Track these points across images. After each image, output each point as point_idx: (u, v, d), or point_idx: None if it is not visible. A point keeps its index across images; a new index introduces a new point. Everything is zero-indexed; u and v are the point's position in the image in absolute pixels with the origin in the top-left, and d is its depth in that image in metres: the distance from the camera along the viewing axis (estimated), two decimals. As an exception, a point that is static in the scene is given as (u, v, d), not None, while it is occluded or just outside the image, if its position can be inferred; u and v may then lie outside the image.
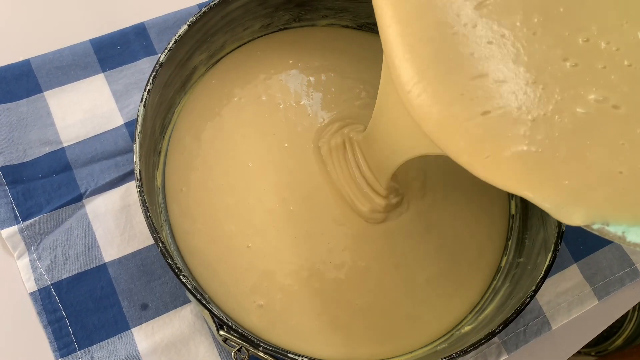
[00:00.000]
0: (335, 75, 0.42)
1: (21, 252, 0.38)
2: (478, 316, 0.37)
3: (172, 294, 0.39)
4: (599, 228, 0.22)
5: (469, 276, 0.38)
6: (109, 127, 0.42)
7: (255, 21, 0.41)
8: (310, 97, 0.41)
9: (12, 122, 0.41)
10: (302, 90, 0.41)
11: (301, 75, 0.42)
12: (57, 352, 0.36)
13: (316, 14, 0.43)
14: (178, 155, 0.39)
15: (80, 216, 0.39)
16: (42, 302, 0.37)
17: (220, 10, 0.37)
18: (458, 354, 0.31)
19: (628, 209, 0.22)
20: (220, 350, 0.38)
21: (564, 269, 0.43)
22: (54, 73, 0.43)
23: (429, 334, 0.37)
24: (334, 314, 0.36)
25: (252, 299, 0.36)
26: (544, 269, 0.34)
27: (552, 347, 0.41)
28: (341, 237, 0.38)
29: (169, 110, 0.39)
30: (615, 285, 0.43)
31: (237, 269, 0.36)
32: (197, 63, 0.40)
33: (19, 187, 0.39)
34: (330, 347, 0.36)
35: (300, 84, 0.42)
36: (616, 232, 0.22)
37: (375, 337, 0.36)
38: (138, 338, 0.37)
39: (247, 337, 0.31)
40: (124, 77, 0.43)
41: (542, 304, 0.41)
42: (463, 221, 0.39)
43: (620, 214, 0.22)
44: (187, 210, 0.37)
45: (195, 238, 0.37)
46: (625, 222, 0.22)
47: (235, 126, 0.40)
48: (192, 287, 0.30)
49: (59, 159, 0.40)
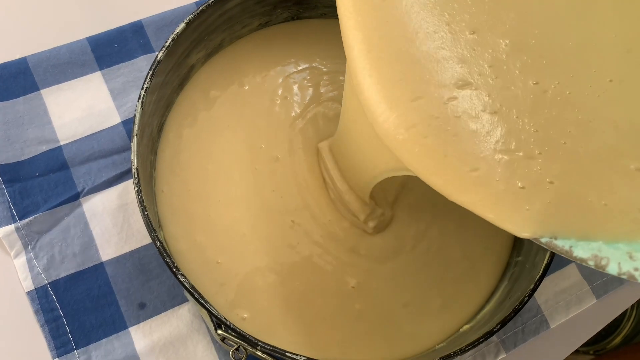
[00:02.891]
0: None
1: (18, 251, 0.38)
2: (476, 315, 0.37)
3: (170, 293, 0.38)
4: (547, 242, 0.22)
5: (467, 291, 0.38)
6: (106, 125, 0.42)
7: (253, 19, 0.41)
8: (291, 95, 0.41)
9: (9, 120, 0.41)
10: (282, 91, 0.41)
11: (280, 76, 0.41)
12: (55, 352, 0.36)
13: (314, 12, 0.43)
14: (163, 154, 0.38)
15: (77, 215, 0.39)
16: (39, 302, 0.37)
17: (218, 8, 0.37)
18: (456, 352, 0.31)
19: (574, 223, 0.22)
20: (218, 349, 0.38)
21: (562, 267, 0.43)
22: (51, 71, 0.42)
23: (429, 343, 0.37)
24: (323, 323, 0.36)
25: (234, 312, 0.35)
26: (543, 268, 0.34)
27: (551, 345, 0.41)
28: (329, 246, 0.38)
29: (167, 108, 0.39)
30: (614, 284, 0.43)
31: (213, 283, 0.36)
32: (195, 61, 0.39)
33: (16, 186, 0.39)
34: (323, 354, 0.35)
35: (280, 84, 0.41)
36: (563, 247, 0.22)
37: (371, 345, 0.36)
38: (136, 337, 0.37)
39: (245, 336, 0.31)
40: (122, 75, 0.43)
41: (541, 303, 0.41)
42: (460, 238, 0.39)
43: (566, 227, 0.22)
44: (169, 212, 0.37)
45: (180, 243, 0.36)
46: (572, 237, 0.22)
47: (211, 127, 0.39)
48: (189, 286, 0.30)
49: (56, 158, 0.40)
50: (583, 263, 0.21)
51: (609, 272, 0.21)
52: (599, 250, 0.21)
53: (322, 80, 0.42)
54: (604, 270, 0.21)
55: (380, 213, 0.38)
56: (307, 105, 0.41)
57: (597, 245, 0.21)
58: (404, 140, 0.23)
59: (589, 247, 0.21)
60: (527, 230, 0.22)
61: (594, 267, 0.21)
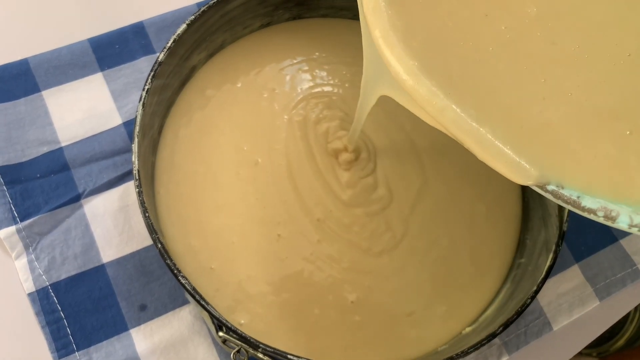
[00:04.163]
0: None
1: (19, 253, 0.38)
2: (479, 317, 0.37)
3: (171, 295, 0.38)
4: (554, 190, 0.22)
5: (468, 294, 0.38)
6: (108, 126, 0.42)
7: (254, 20, 0.41)
8: (281, 87, 0.40)
9: (10, 121, 0.41)
10: (272, 84, 0.40)
11: (273, 71, 0.41)
12: (56, 353, 0.36)
13: (316, 13, 0.43)
14: (161, 155, 0.38)
15: (78, 216, 0.39)
16: (40, 303, 0.37)
17: (220, 9, 0.37)
18: (459, 355, 0.31)
19: (571, 170, 0.22)
20: (220, 351, 0.38)
21: (565, 269, 0.42)
22: (52, 72, 0.42)
23: (432, 346, 0.36)
24: (322, 332, 0.35)
25: (232, 317, 0.35)
26: (545, 270, 0.34)
27: (553, 348, 0.41)
28: (322, 265, 0.36)
29: (168, 109, 0.39)
30: (617, 286, 0.43)
31: (209, 288, 0.35)
32: (196, 62, 0.39)
33: (17, 187, 0.39)
34: (324, 357, 0.35)
35: (272, 78, 0.41)
36: (570, 196, 0.21)
37: (374, 351, 0.36)
38: (137, 339, 0.37)
39: (247, 339, 0.30)
40: (123, 77, 0.43)
41: (543, 305, 0.41)
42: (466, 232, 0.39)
43: (565, 174, 0.22)
44: (165, 214, 0.36)
45: (178, 245, 0.36)
46: (579, 188, 0.22)
47: (203, 127, 0.39)
48: (191, 288, 0.30)
49: (57, 159, 0.40)
50: (591, 215, 0.21)
51: (619, 225, 0.21)
52: (607, 203, 0.21)
53: (317, 70, 0.41)
54: (614, 223, 0.21)
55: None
56: (295, 97, 0.40)
57: (603, 201, 0.21)
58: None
59: (596, 199, 0.21)
60: (534, 177, 0.22)
61: (603, 220, 0.21)
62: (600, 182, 0.22)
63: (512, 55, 0.24)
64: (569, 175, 0.22)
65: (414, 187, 0.39)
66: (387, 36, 0.24)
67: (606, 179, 0.22)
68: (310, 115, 0.40)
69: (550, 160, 0.22)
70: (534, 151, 0.22)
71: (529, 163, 0.22)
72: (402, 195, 0.39)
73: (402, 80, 0.23)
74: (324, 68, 0.41)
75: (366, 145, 0.40)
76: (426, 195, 0.39)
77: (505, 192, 0.40)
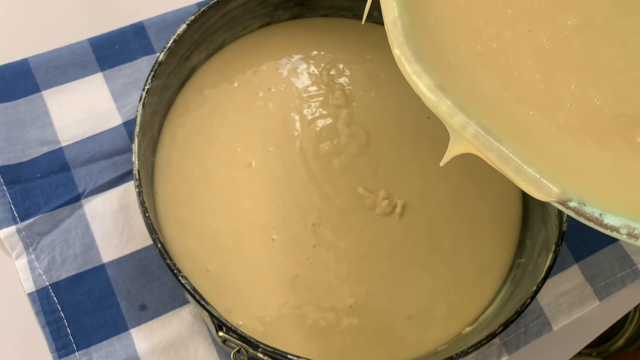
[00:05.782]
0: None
1: (19, 253, 0.38)
2: (479, 317, 0.37)
3: (171, 295, 0.38)
4: (575, 207, 0.21)
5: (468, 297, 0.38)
6: (108, 126, 0.42)
7: (254, 20, 0.41)
8: (277, 86, 0.40)
9: (10, 121, 0.41)
10: (269, 83, 0.40)
11: (270, 69, 0.41)
12: (56, 353, 0.36)
13: (316, 12, 0.43)
14: (160, 155, 0.38)
15: (78, 216, 0.39)
16: (40, 303, 0.37)
17: (220, 9, 0.37)
18: (459, 355, 0.31)
19: (604, 190, 0.22)
20: (220, 351, 0.38)
21: (564, 269, 0.42)
22: (52, 72, 0.42)
23: (432, 347, 0.36)
24: (321, 334, 0.35)
25: (229, 318, 0.35)
26: (545, 270, 0.34)
27: (553, 348, 0.41)
28: (318, 271, 0.36)
29: (168, 109, 0.39)
30: (617, 286, 0.43)
31: (206, 290, 0.35)
32: (196, 62, 0.39)
33: (17, 187, 0.39)
34: (324, 355, 0.35)
35: (268, 76, 0.40)
36: (593, 213, 0.21)
37: (373, 353, 0.36)
38: (137, 339, 0.37)
39: (247, 339, 0.30)
40: (123, 77, 0.43)
41: (543, 305, 0.41)
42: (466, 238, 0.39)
43: (597, 194, 0.22)
44: (164, 214, 0.36)
45: (175, 246, 0.36)
46: (601, 205, 0.21)
47: (198, 127, 0.39)
48: (191, 288, 0.30)
49: (57, 159, 0.40)
50: (614, 233, 0.21)
51: None
52: (629, 221, 0.21)
53: (314, 68, 0.41)
54: (637, 241, 0.20)
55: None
56: (290, 96, 0.39)
57: (625, 218, 0.21)
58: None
59: (619, 217, 0.21)
60: (554, 190, 0.21)
61: (626, 238, 0.20)
62: (622, 200, 0.21)
63: (550, 65, 0.24)
64: (591, 192, 0.21)
65: (415, 191, 0.39)
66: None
67: (629, 196, 0.22)
68: (305, 115, 0.40)
69: (572, 177, 0.22)
70: (556, 168, 0.22)
71: (551, 181, 0.21)
72: (403, 199, 0.38)
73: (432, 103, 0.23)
74: (322, 66, 0.41)
75: (367, 146, 0.39)
76: (428, 198, 0.39)
77: (506, 192, 0.40)
